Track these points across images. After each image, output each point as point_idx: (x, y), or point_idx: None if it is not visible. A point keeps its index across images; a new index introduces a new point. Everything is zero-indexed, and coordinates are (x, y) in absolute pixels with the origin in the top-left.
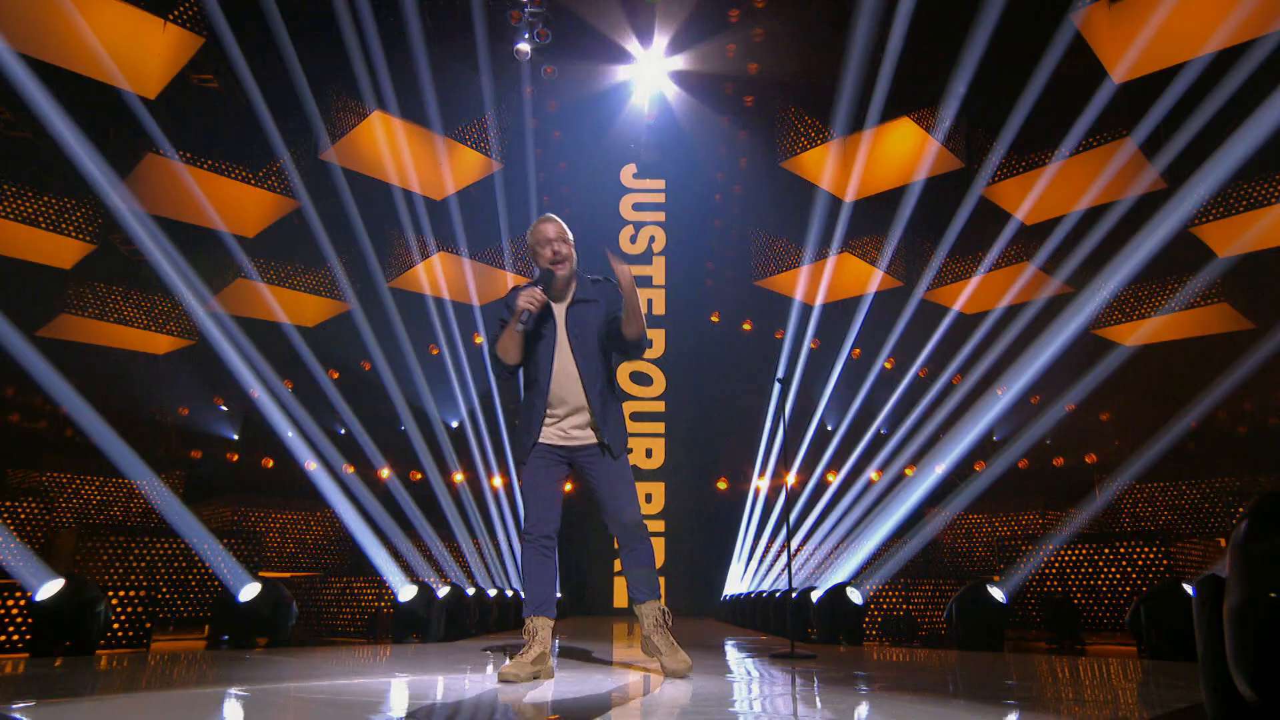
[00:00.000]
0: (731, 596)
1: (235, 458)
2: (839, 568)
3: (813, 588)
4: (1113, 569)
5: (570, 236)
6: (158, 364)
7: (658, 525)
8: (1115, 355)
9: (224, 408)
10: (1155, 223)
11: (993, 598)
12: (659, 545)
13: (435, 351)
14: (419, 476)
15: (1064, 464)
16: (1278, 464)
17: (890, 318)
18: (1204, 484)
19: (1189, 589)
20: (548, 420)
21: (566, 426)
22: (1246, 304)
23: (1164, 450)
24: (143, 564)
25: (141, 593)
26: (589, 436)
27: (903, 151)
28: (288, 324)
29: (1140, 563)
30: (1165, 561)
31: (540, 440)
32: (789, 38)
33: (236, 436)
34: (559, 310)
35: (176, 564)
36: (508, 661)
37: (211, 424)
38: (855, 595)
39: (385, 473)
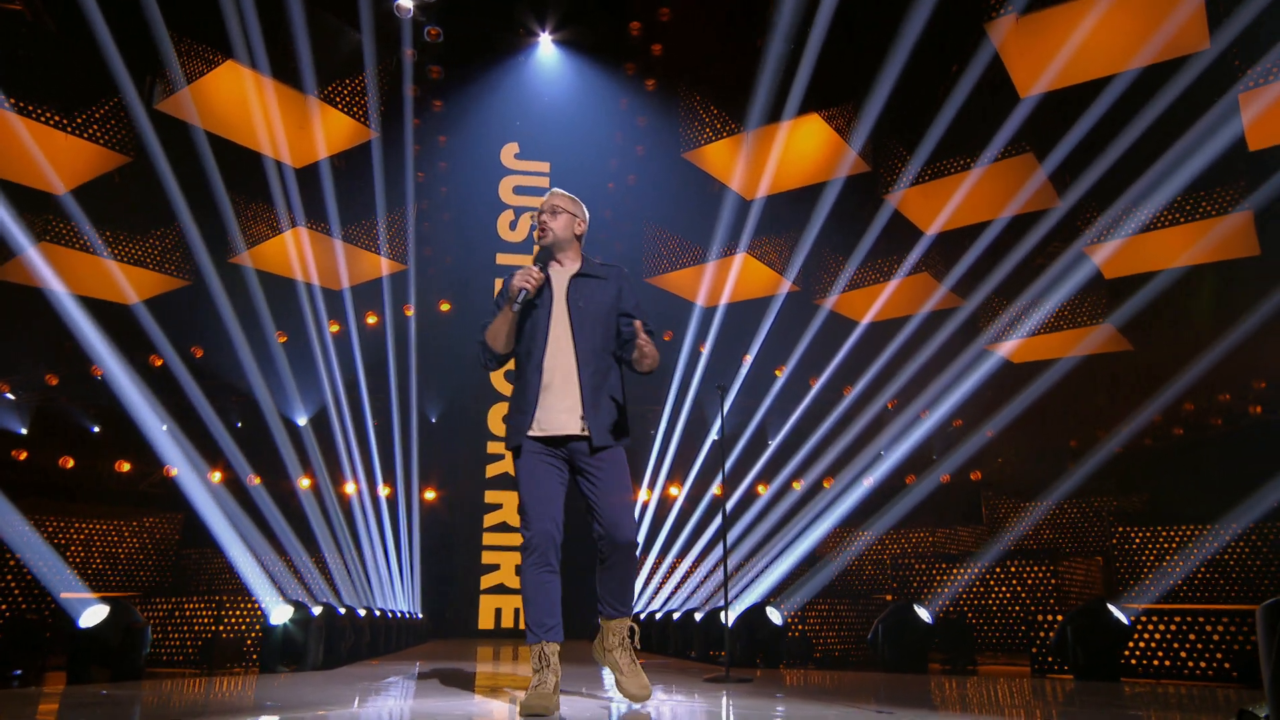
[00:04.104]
0: None
1: (24, 456)
2: (743, 588)
3: (720, 608)
4: (1003, 588)
5: (567, 206)
6: None
7: None
8: (1002, 371)
9: (10, 395)
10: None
11: (919, 618)
12: None
13: (283, 339)
14: (258, 480)
15: (950, 481)
16: (1152, 484)
17: (784, 324)
18: (1083, 503)
19: (1113, 610)
20: (542, 397)
21: (557, 408)
22: (1126, 325)
23: (1094, 469)
24: None
25: None
26: (576, 425)
27: (808, 150)
28: (107, 299)
29: (1030, 582)
30: (1053, 581)
31: (531, 434)
32: (697, 21)
33: (25, 431)
34: (559, 282)
35: None
36: (526, 694)
37: None
38: (775, 615)
39: (217, 476)
